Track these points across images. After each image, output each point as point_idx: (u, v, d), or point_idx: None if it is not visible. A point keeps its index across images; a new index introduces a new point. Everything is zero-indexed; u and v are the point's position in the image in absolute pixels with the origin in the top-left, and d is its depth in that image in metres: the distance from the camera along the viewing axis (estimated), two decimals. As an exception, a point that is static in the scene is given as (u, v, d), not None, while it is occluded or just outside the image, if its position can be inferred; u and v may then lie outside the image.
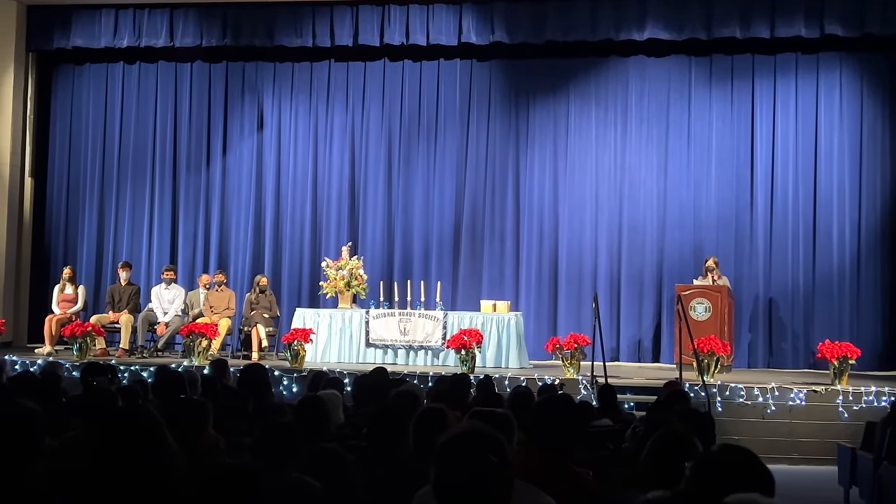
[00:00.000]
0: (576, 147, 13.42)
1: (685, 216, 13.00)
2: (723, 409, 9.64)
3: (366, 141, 13.87)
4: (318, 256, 13.50)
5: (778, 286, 12.71)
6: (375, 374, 7.12)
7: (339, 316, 11.80)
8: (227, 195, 14.18)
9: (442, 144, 13.72)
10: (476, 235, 13.55)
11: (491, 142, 13.62)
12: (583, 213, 13.29)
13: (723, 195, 12.90)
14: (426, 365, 11.39)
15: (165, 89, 14.28)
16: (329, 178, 13.91)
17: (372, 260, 13.44)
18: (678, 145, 13.10)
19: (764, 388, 9.71)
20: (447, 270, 13.50)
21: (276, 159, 14.07)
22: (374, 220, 13.76)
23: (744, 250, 12.80)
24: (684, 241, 12.95)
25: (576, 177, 13.37)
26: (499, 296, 12.71)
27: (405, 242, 13.69)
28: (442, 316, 11.58)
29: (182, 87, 14.26)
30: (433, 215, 13.64)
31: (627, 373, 11.18)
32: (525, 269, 13.42)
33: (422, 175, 13.70)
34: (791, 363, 12.49)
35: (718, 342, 10.26)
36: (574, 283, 13.23)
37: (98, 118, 14.37)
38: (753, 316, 12.72)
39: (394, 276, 13.30)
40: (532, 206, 13.46)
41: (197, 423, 4.09)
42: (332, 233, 13.77)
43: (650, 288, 13.04)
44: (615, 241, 13.18)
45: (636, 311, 13.05)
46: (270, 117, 14.10)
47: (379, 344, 11.66)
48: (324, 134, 14.00)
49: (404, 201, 13.72)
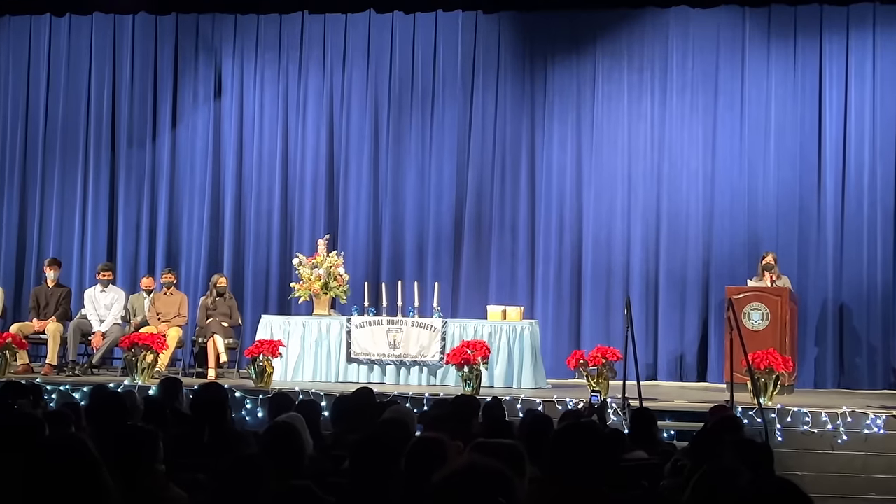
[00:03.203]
0: (604, 118, 13.43)
1: (737, 203, 13.00)
2: (783, 439, 9.64)
3: (347, 111, 13.88)
4: (288, 252, 13.51)
5: (851, 288, 12.72)
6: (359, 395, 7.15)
7: (314, 325, 11.84)
8: (178, 177, 14.18)
9: (440, 115, 13.72)
10: (482, 227, 13.56)
11: (500, 112, 13.62)
12: (612, 199, 13.30)
13: (784, 177, 12.91)
14: (421, 385, 11.41)
15: (101, 47, 14.26)
16: (302, 157, 13.94)
17: (354, 257, 13.45)
18: (729, 116, 13.09)
19: (834, 414, 9.72)
20: (446, 270, 13.52)
21: (238, 133, 14.08)
22: (356, 207, 13.79)
23: (809, 244, 12.82)
24: (736, 233, 12.95)
25: (604, 155, 13.38)
26: (510, 300, 12.69)
27: (395, 235, 13.71)
28: (440, 325, 11.60)
29: (122, 44, 14.24)
30: (429, 202, 13.67)
31: (667, 394, 11.21)
32: (542, 267, 13.43)
33: (415, 153, 13.73)
34: (867, 383, 12.48)
35: (778, 357, 10.29)
36: (602, 286, 13.25)
37: (19, 83, 14.36)
38: (821, 325, 12.73)
39: (381, 276, 13.33)
40: (551, 192, 13.48)
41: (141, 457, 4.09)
42: (307, 223, 13.83)
43: (694, 291, 13.05)
44: (652, 233, 13.20)
45: (678, 320, 13.08)
46: (230, 81, 14.11)
47: (363, 359, 11.68)
48: (296, 102, 14.01)
49: (394, 185, 13.75)
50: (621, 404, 9.90)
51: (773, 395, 10.18)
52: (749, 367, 9.92)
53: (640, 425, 7.12)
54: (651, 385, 12.22)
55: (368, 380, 11.46)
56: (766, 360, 10.18)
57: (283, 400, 7.22)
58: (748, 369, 9.93)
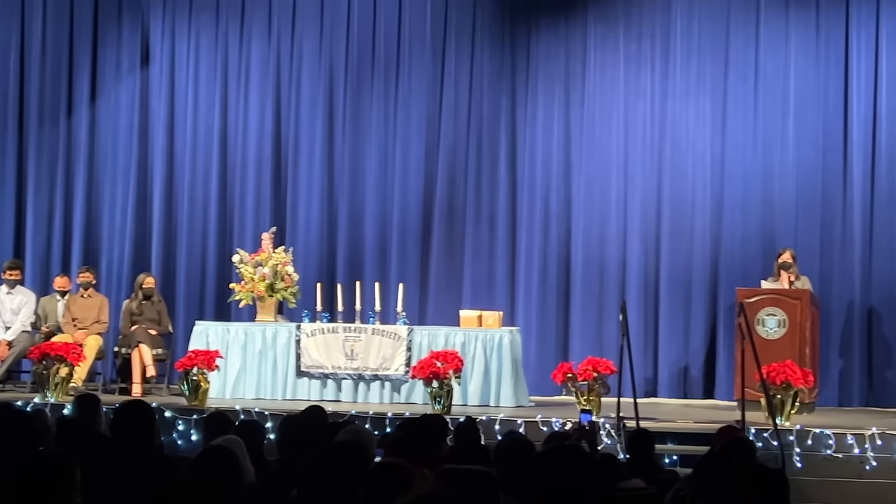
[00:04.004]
0: (596, 93, 13.43)
1: (751, 192, 13.03)
2: (803, 465, 9.68)
3: (297, 83, 13.86)
4: (228, 247, 13.48)
5: (882, 291, 12.74)
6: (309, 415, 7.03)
7: (257, 333, 11.83)
8: (98, 159, 14.10)
9: (406, 89, 13.71)
10: (454, 218, 13.59)
11: (476, 85, 13.61)
12: (606, 186, 13.31)
13: (804, 162, 12.94)
14: (383, 402, 11.45)
15: (8, 9, 14.11)
16: (244, 136, 13.93)
17: (306, 253, 13.47)
18: (741, 90, 13.11)
19: (861, 436, 9.73)
20: (413, 268, 13.54)
21: (169, 108, 14.02)
22: (308, 196, 13.78)
23: (833, 240, 12.85)
24: (749, 226, 12.99)
25: (596, 135, 13.39)
26: (487, 304, 12.70)
27: (353, 228, 13.71)
28: (405, 333, 11.62)
29: (32, 5, 14.10)
30: (393, 190, 13.67)
31: (668, 413, 11.22)
32: (524, 266, 13.46)
33: (377, 132, 13.72)
34: None
35: (797, 370, 10.28)
36: (593, 287, 13.27)
37: None
38: (846, 333, 12.76)
39: (337, 275, 13.35)
40: (534, 178, 13.49)
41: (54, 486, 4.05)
42: (249, 214, 13.83)
43: (701, 293, 13.08)
44: (651, 226, 13.23)
45: (681, 327, 13.11)
46: (160, 48, 14.05)
47: (315, 373, 11.70)
48: (237, 73, 13.98)
49: (352, 170, 13.74)
50: (616, 425, 9.90)
51: (790, 414, 10.18)
52: (763, 382, 9.91)
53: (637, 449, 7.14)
54: (650, 403, 12.22)
55: (321, 397, 11.45)
56: (782, 374, 10.17)
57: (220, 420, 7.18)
58: (762, 384, 9.92)
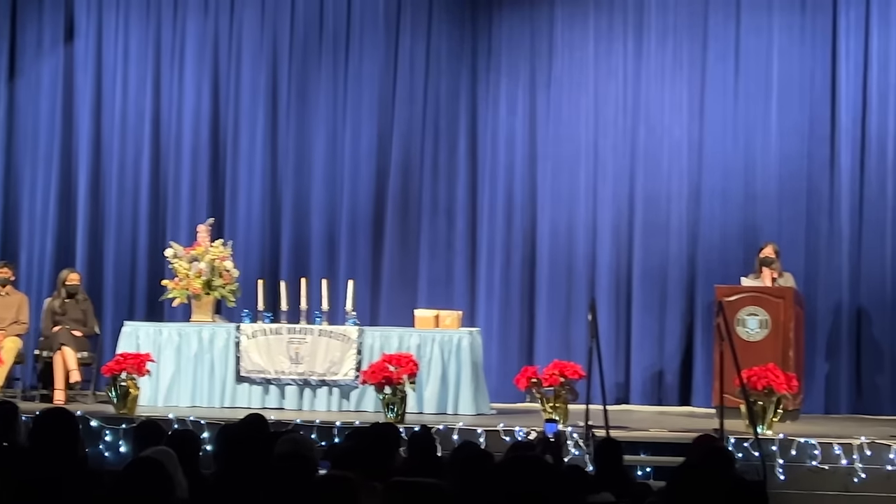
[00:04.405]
0: (564, 74, 13.45)
1: (731, 181, 13.08)
2: (786, 478, 9.74)
3: (236, 61, 13.84)
4: (160, 241, 13.45)
5: (871, 289, 12.80)
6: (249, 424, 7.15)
7: (193, 334, 11.85)
8: (17, 144, 14.02)
9: (356, 69, 13.70)
10: (409, 210, 13.60)
11: (433, 65, 13.64)
12: (574, 175, 13.33)
13: (788, 150, 12.98)
14: (330, 410, 11.47)
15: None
16: (179, 119, 13.89)
17: (246, 247, 13.49)
18: (720, 72, 13.15)
19: (849, 446, 9.80)
20: (364, 264, 13.56)
21: (95, 89, 13.96)
22: (249, 184, 13.78)
23: (819, 234, 12.91)
24: (729, 219, 13.05)
25: (564, 120, 13.42)
26: (445, 303, 12.76)
27: (298, 220, 13.73)
28: (355, 334, 11.65)
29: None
30: (342, 178, 13.66)
31: (641, 422, 11.29)
32: (485, 261, 13.48)
33: (325, 115, 13.72)
34: (891, 407, 12.52)
35: (780, 374, 10.33)
36: (560, 285, 13.30)
37: None
38: (833, 334, 12.83)
39: (280, 271, 13.39)
40: (497, 166, 13.52)
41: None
42: (184, 204, 13.81)
43: (676, 291, 13.14)
44: (624, 219, 13.28)
45: (655, 328, 13.17)
46: (86, 22, 13.96)
47: (256, 378, 11.71)
48: (171, 50, 13.93)
49: (297, 157, 13.74)
50: (584, 434, 9.94)
51: (773, 422, 10.23)
52: (743, 388, 9.96)
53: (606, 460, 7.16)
54: (622, 410, 12.29)
55: (263, 404, 11.48)
56: (764, 379, 10.21)
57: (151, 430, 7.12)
58: (742, 390, 9.96)
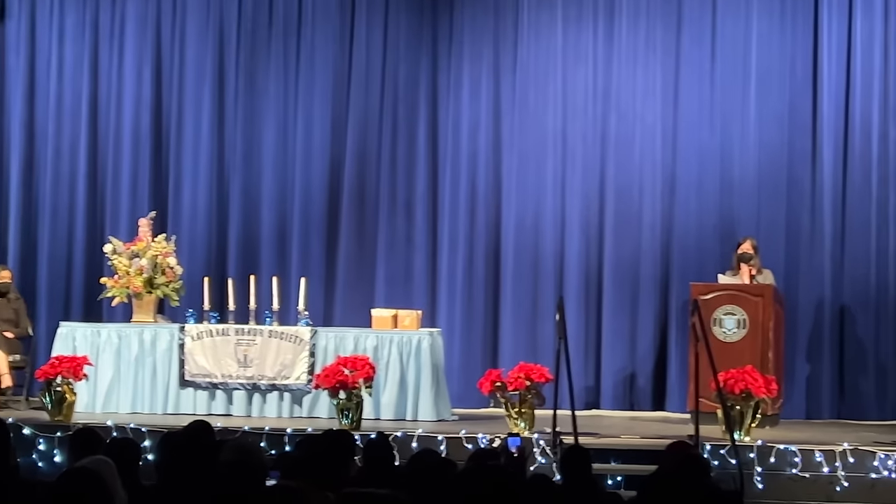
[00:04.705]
0: (530, 59, 13.48)
1: (707, 172, 13.12)
2: (765, 486, 9.78)
3: (181, 43, 13.83)
4: (99, 235, 13.44)
5: (855, 287, 12.86)
6: (193, 432, 7.02)
7: (133, 336, 11.83)
8: (-58, 131, 13.94)
9: (308, 51, 13.71)
10: (366, 203, 13.60)
11: (391, 49, 13.66)
12: (542, 166, 13.37)
13: (768, 139, 13.02)
14: (281, 416, 11.50)
15: None
16: (119, 105, 13.86)
17: (191, 243, 13.52)
18: (696, 57, 13.20)
19: (831, 453, 9.84)
20: (317, 261, 13.58)
21: (28, 71, 13.96)
22: (194, 175, 13.77)
23: (800, 229, 12.97)
24: (705, 212, 13.10)
25: (530, 107, 13.45)
26: (404, 302, 12.76)
27: (247, 214, 13.72)
28: (308, 336, 11.65)
29: None
30: (294, 169, 13.67)
31: (612, 428, 11.32)
32: (446, 258, 13.50)
33: (275, 102, 13.74)
34: (876, 411, 12.61)
35: (758, 377, 10.36)
36: (526, 282, 13.32)
37: None
38: (815, 335, 12.89)
39: (228, 269, 13.43)
40: (459, 156, 13.54)
41: None
42: (124, 196, 13.79)
43: (649, 289, 13.18)
44: (594, 212, 13.31)
45: (627, 328, 13.20)
46: (18, 1, 13.90)
47: (202, 382, 11.71)
48: (109, 30, 13.88)
49: (246, 146, 13.73)
50: (551, 441, 9.95)
51: (751, 427, 10.28)
52: (720, 392, 9.97)
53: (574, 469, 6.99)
54: (592, 415, 12.33)
55: (209, 410, 11.49)
56: (742, 382, 10.25)
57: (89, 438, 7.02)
58: (718, 394, 9.98)
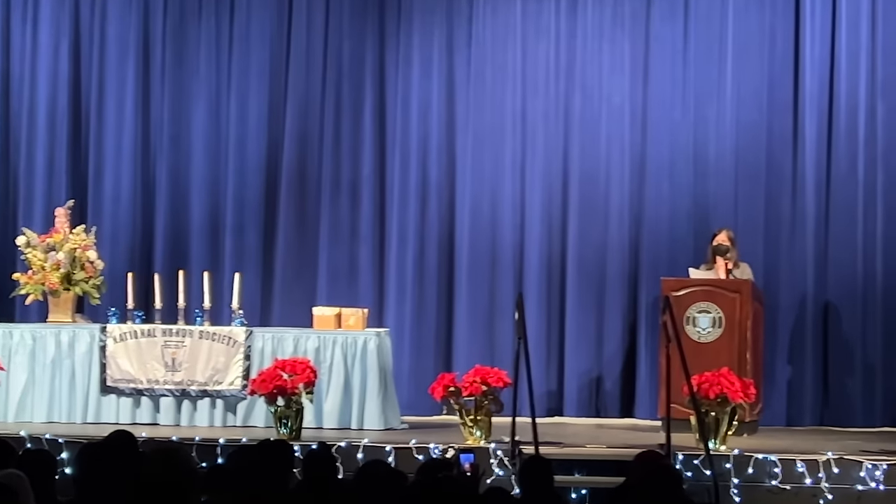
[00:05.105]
0: (487, 32, 13.48)
1: (679, 157, 13.14)
2: (742, 500, 9.81)
3: (101, 14, 13.74)
4: (11, 227, 13.40)
5: (841, 282, 12.91)
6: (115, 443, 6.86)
7: (49, 337, 11.78)
8: None
9: (243, 25, 13.66)
10: (307, 190, 13.61)
11: (334, 21, 13.63)
12: (500, 149, 13.38)
13: (746, 120, 13.06)
14: (213, 425, 11.55)
15: None
16: (33, 82, 13.77)
17: (113, 234, 13.46)
18: (668, 31, 13.20)
19: (814, 463, 9.88)
20: (253, 255, 13.57)
21: None
22: (116, 160, 13.69)
23: (781, 218, 12.99)
24: (677, 200, 13.12)
25: (487, 85, 13.47)
26: (348, 300, 12.76)
27: (175, 202, 13.68)
28: (243, 337, 11.64)
29: None
30: (227, 152, 13.63)
31: (576, 436, 11.37)
32: (395, 250, 13.51)
33: (206, 79, 13.71)
34: (862, 417, 12.68)
35: (735, 381, 10.39)
36: (483, 277, 13.34)
37: None
38: (797, 335, 12.92)
39: (154, 263, 13.41)
40: (409, 138, 13.54)
41: None
42: (39, 184, 13.74)
43: (617, 284, 13.21)
44: (556, 200, 13.33)
45: (593, 328, 13.21)
46: None
47: (125, 388, 11.68)
48: (21, 1, 13.71)
49: (173, 128, 13.70)
50: (510, 452, 10.01)
51: (727, 435, 10.30)
52: (693, 397, 9.97)
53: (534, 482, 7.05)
54: (554, 423, 12.42)
55: (133, 419, 11.49)
56: (717, 386, 10.27)
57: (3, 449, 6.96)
58: (692, 399, 9.98)
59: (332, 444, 8.77)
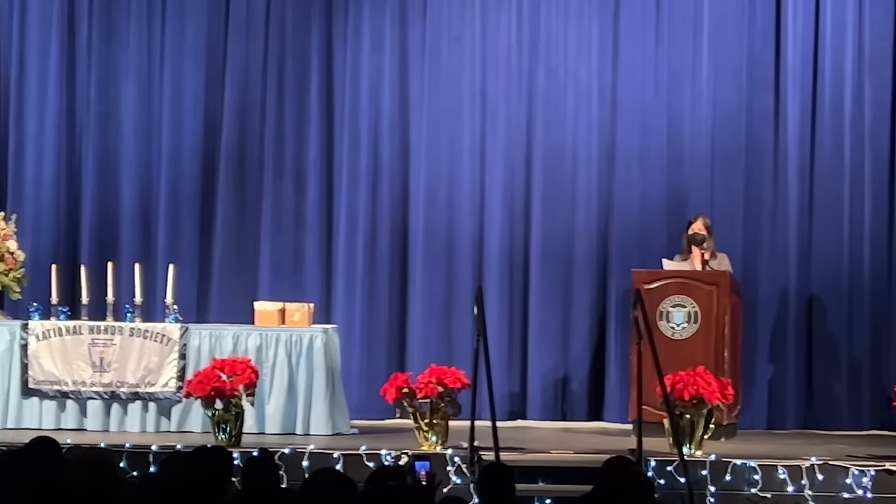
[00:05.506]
0: (442, 2, 13.51)
1: (652, 139, 13.22)
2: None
3: None
4: None
5: (825, 274, 13.00)
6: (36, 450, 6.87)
7: None
8: None
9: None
10: (247, 173, 13.65)
11: None
12: (457, 129, 13.43)
13: (723, 99, 13.13)
14: (145, 431, 11.58)
15: None
16: None
17: (35, 223, 13.47)
18: (639, 3, 13.23)
19: (797, 469, 9.95)
20: (188, 244, 13.64)
21: None
22: (38, 141, 13.70)
23: (762, 204, 13.08)
24: (649, 186, 13.19)
25: (443, 60, 13.54)
26: (293, 294, 12.85)
27: (103, 187, 13.69)
28: (177, 334, 11.67)
29: None
30: (161, 133, 13.63)
31: (540, 441, 11.46)
32: (344, 240, 13.54)
33: (136, 53, 13.71)
34: (848, 419, 12.79)
35: (712, 380, 10.43)
36: (440, 270, 13.42)
37: None
38: (778, 330, 13.00)
39: (80, 254, 13.47)
40: (358, 117, 13.59)
41: None
42: None
43: (584, 276, 13.26)
44: (519, 185, 13.41)
45: (558, 323, 13.27)
46: None
47: (49, 390, 11.69)
48: None
49: (101, 105, 13.71)
50: (468, 458, 10.07)
51: (703, 440, 10.36)
52: (666, 398, 10.03)
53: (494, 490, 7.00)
54: (516, 427, 12.52)
55: (58, 424, 11.56)
56: (693, 386, 10.30)
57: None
58: (665, 401, 10.04)
59: (274, 451, 8.79)
